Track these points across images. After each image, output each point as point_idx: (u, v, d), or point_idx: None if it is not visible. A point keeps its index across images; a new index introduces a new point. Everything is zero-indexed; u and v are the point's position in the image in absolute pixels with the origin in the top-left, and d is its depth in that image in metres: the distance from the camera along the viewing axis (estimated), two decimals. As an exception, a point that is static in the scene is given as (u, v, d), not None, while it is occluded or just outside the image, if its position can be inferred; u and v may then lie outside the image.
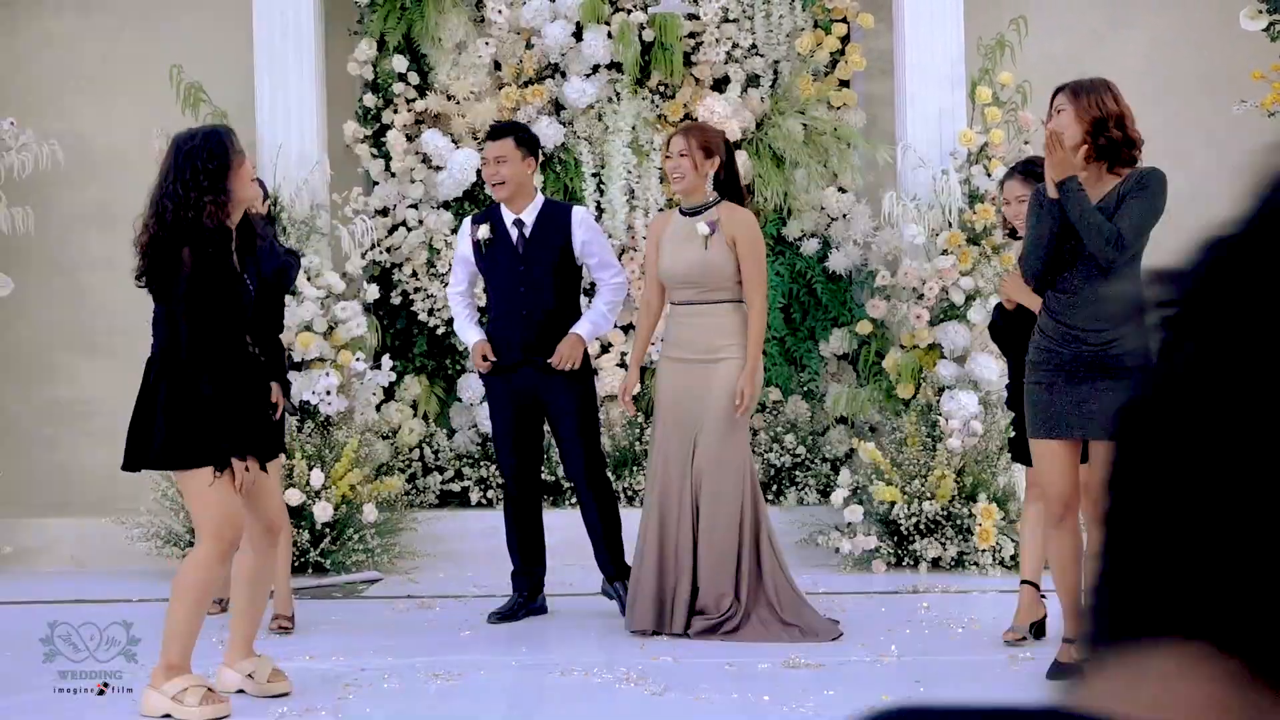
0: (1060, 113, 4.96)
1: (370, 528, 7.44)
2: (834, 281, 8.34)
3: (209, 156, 4.63)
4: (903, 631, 5.89)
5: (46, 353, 8.62)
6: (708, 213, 5.98)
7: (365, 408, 7.77)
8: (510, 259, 6.27)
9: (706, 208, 6.00)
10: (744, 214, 6.04)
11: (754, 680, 5.08)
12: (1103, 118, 4.89)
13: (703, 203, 6.01)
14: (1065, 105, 4.96)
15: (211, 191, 4.61)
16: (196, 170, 4.62)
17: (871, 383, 7.90)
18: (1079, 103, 4.92)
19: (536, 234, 6.27)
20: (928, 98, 7.83)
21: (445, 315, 8.32)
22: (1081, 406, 4.82)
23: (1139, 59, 8.57)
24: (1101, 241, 4.74)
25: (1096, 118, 4.89)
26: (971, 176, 7.72)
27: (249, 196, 4.83)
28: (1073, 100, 4.94)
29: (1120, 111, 4.92)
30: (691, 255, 5.94)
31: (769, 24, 8.35)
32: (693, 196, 6.01)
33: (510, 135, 6.27)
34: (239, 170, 4.70)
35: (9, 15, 8.65)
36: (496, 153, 6.25)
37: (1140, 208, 4.77)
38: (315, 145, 7.84)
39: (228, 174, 4.66)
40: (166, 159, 4.72)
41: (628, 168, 8.19)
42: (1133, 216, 4.76)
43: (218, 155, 4.64)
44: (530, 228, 6.28)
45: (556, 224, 6.29)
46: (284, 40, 7.86)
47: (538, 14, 8.21)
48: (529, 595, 6.41)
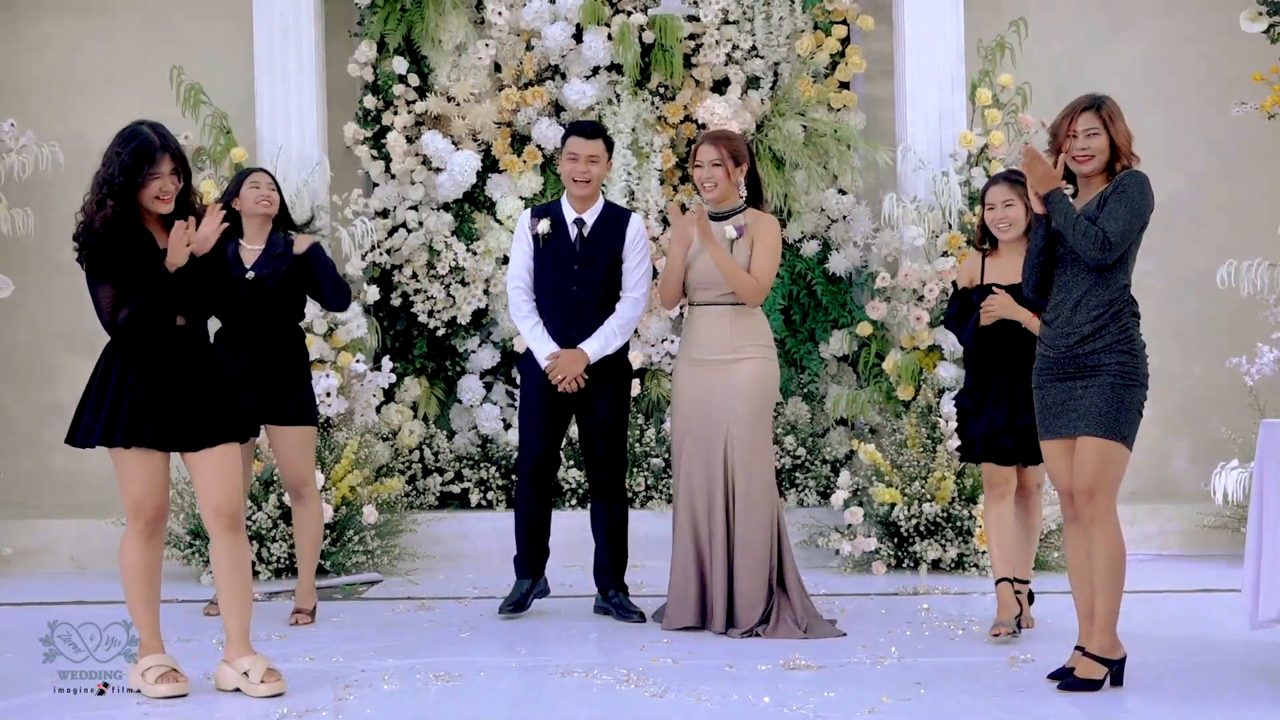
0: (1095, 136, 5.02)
1: (370, 529, 7.44)
2: (834, 283, 8.34)
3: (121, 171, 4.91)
4: (903, 633, 5.89)
5: (46, 354, 8.62)
6: (736, 217, 6.11)
7: (365, 409, 7.77)
8: (568, 255, 6.32)
9: (736, 212, 6.13)
10: (770, 220, 6.16)
11: (754, 681, 5.08)
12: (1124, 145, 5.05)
13: (733, 207, 6.14)
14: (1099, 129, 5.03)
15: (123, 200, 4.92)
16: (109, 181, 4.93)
17: (871, 384, 7.90)
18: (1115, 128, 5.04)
19: (595, 234, 6.34)
20: (928, 99, 7.84)
21: (445, 317, 8.32)
22: (1065, 405, 5.00)
23: (1139, 61, 8.58)
24: (1089, 244, 4.89)
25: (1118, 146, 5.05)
26: (971, 178, 7.72)
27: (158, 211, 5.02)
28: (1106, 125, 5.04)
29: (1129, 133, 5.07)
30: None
31: (769, 26, 8.36)
32: (723, 202, 6.13)
33: (602, 136, 6.36)
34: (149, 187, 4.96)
35: (9, 17, 8.65)
36: (591, 151, 6.30)
37: (1123, 209, 4.90)
38: (315, 147, 7.84)
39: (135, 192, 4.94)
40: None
41: (628, 169, 8.19)
42: (1117, 218, 4.89)
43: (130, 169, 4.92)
44: (590, 227, 6.35)
45: (615, 226, 6.36)
46: (284, 42, 7.86)
47: (538, 16, 8.21)
48: (533, 581, 6.42)
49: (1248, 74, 7.82)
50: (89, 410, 4.97)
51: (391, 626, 6.23)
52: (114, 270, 4.91)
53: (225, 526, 5.04)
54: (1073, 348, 4.96)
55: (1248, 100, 7.77)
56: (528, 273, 6.37)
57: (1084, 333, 4.93)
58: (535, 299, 6.37)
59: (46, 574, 7.65)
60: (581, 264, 6.31)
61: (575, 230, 6.34)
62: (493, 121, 8.34)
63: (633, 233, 6.36)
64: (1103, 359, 4.90)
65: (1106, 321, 4.93)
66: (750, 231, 6.06)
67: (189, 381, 5.01)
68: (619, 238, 6.34)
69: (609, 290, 6.33)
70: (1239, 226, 8.36)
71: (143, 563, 5.03)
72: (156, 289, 4.94)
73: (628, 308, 6.34)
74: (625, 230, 6.35)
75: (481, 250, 8.25)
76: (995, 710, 4.66)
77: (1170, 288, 8.40)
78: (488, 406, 8.32)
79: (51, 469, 8.51)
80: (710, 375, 6.03)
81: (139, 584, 5.03)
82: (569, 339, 6.27)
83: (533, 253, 6.36)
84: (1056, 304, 5.05)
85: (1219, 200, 8.54)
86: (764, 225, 6.09)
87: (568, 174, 6.34)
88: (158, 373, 4.96)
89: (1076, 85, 8.49)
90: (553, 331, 6.30)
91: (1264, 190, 8.48)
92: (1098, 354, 4.91)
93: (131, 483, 4.98)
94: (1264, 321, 7.69)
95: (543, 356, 6.26)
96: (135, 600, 5.05)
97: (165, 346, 4.98)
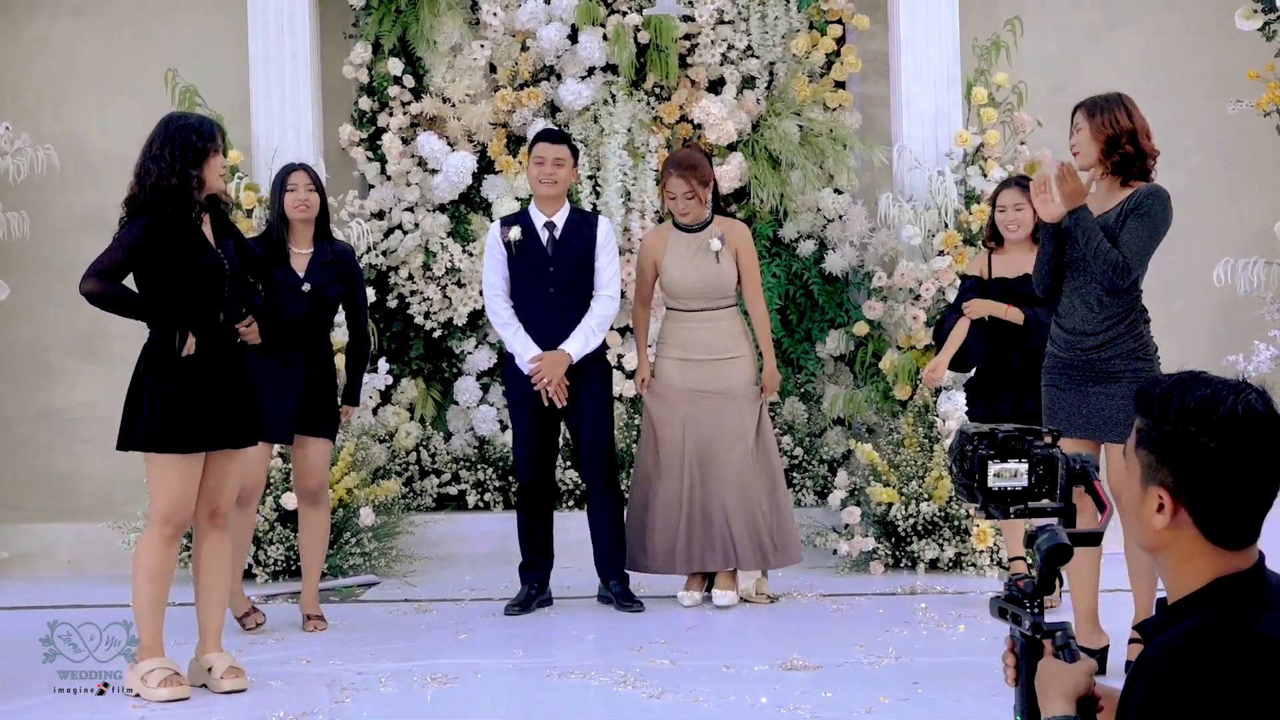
0: (1079, 130, 5.17)
1: (367, 531, 7.43)
2: (830, 283, 8.34)
3: (198, 137, 5.03)
4: (900, 633, 5.89)
5: (43, 357, 8.61)
6: (710, 229, 6.62)
7: (362, 411, 7.77)
8: (541, 258, 6.50)
9: (706, 224, 6.63)
10: (740, 227, 6.73)
11: (751, 682, 5.08)
12: (1115, 135, 5.12)
13: (704, 220, 6.64)
14: (1082, 123, 5.18)
15: (195, 166, 5.01)
16: (189, 145, 5.01)
17: (868, 384, 7.90)
18: (1094, 121, 5.15)
19: (566, 236, 6.53)
20: (923, 99, 7.84)
21: (442, 318, 8.32)
22: (1082, 408, 5.12)
23: (1134, 59, 8.58)
24: (1108, 268, 5.00)
25: (1110, 135, 5.12)
26: (967, 177, 7.72)
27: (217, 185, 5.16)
28: (1088, 119, 5.16)
29: (1133, 126, 5.16)
30: (705, 268, 6.53)
31: (764, 26, 8.35)
32: (697, 219, 6.63)
33: (567, 141, 6.59)
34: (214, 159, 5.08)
35: (4, 18, 8.64)
36: (557, 155, 6.51)
37: (1144, 231, 5.03)
38: (310, 148, 7.83)
39: (206, 159, 5.04)
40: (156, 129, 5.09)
41: (623, 170, 8.18)
42: (1137, 241, 5.01)
43: (206, 137, 5.05)
44: (561, 230, 6.53)
45: (585, 228, 6.57)
46: (279, 43, 7.85)
47: (533, 16, 8.20)
48: (539, 587, 6.56)
49: (1243, 71, 7.82)
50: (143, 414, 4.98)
51: (388, 629, 6.23)
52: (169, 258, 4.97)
53: (218, 526, 5.18)
54: (1086, 352, 5.08)
55: (1243, 98, 7.77)
56: (504, 280, 6.55)
57: (1097, 340, 5.04)
58: (513, 305, 6.53)
59: (44, 577, 7.63)
60: (556, 265, 6.51)
61: (547, 233, 6.54)
62: (488, 122, 8.34)
63: (603, 233, 6.59)
64: (1119, 366, 5.03)
65: (1121, 329, 5.03)
66: (730, 240, 6.56)
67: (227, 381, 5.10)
68: (590, 238, 6.55)
69: (583, 290, 6.53)
70: (1235, 224, 8.37)
71: (162, 566, 5.05)
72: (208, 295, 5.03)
73: (603, 305, 6.54)
74: (595, 231, 6.56)
75: (477, 251, 8.24)
76: (994, 710, 4.65)
77: (1166, 285, 8.36)
78: (484, 408, 8.32)
79: (49, 472, 8.51)
80: (700, 369, 6.52)
81: (154, 586, 5.05)
82: (550, 340, 6.45)
83: (506, 260, 6.54)
84: (1067, 307, 5.15)
85: (1215, 198, 8.54)
86: (739, 232, 6.64)
87: (535, 177, 6.55)
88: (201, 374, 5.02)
89: (1073, 83, 8.54)
90: (533, 334, 6.46)
91: (1260, 188, 8.48)
92: (1113, 360, 5.03)
93: (169, 486, 4.99)
94: (1260, 319, 7.69)
95: (526, 359, 6.42)
96: (144, 603, 5.05)
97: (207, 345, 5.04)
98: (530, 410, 6.48)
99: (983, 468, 2.52)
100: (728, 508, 6.44)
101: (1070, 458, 2.50)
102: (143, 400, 4.99)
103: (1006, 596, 2.49)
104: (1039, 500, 2.53)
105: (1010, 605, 2.48)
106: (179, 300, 5.00)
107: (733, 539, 6.43)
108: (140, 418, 4.98)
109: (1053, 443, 2.53)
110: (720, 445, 6.48)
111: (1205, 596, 2.14)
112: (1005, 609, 2.49)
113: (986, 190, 7.59)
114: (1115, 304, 5.07)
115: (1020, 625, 2.46)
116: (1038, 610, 2.45)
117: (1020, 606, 2.47)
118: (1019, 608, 2.47)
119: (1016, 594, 2.47)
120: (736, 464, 6.47)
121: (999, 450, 2.52)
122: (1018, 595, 2.47)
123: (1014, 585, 2.47)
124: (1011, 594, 2.48)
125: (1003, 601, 2.50)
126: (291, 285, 6.09)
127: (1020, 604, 2.47)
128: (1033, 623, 2.44)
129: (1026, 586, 2.46)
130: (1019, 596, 2.47)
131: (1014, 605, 2.48)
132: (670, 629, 6.03)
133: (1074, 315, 5.12)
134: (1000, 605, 2.50)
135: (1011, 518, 2.53)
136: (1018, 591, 2.47)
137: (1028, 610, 2.45)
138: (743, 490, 6.46)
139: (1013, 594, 2.48)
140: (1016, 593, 2.47)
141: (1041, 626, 2.43)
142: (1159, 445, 2.16)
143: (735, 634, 5.98)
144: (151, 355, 5.03)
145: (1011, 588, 2.48)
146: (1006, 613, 2.50)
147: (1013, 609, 2.48)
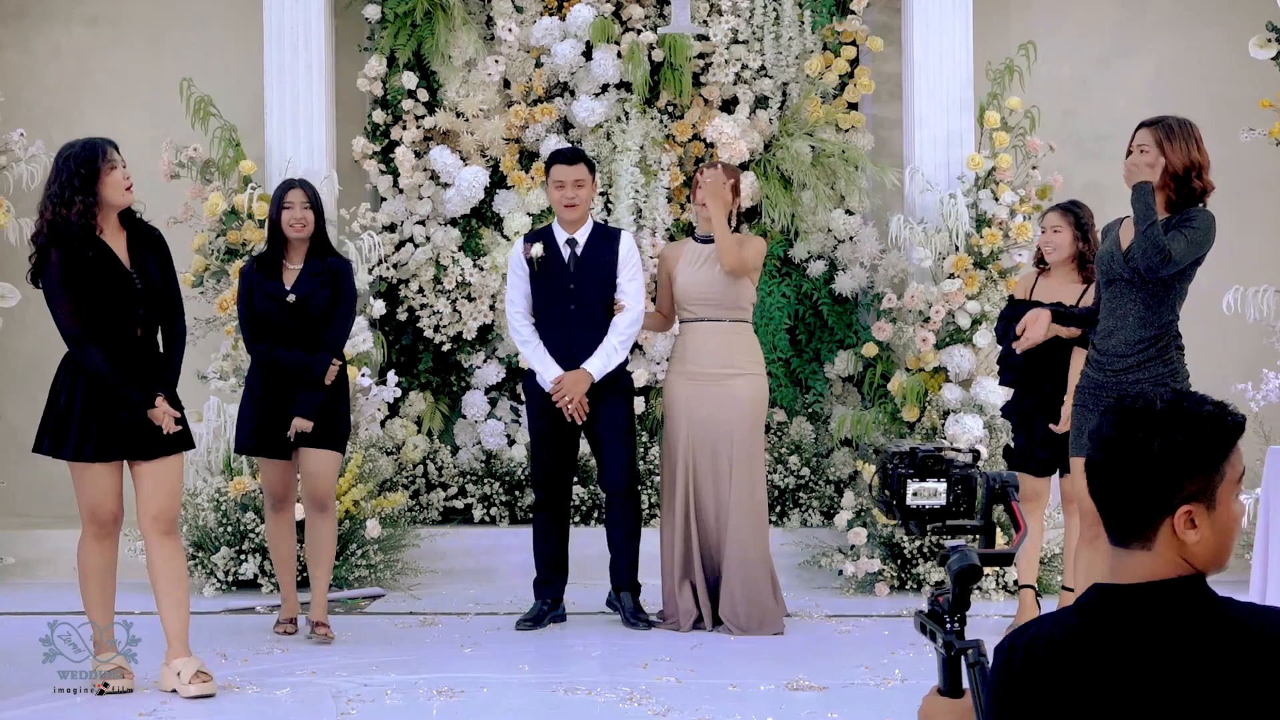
0: (1144, 151, 4.97)
1: (373, 543, 7.43)
2: (840, 304, 8.34)
3: (81, 163, 5.13)
4: (906, 654, 5.88)
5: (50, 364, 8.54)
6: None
7: (370, 423, 7.77)
8: (563, 276, 6.49)
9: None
10: (757, 240, 6.65)
11: (757, 701, 5.07)
12: (1189, 167, 4.96)
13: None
14: (1150, 146, 4.97)
15: (82, 193, 5.12)
16: (71, 173, 5.10)
17: (876, 405, 7.89)
18: (1172, 148, 4.95)
19: (588, 253, 6.52)
20: (936, 121, 7.84)
21: (451, 332, 8.32)
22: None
23: (1146, 86, 8.59)
24: (1153, 250, 4.90)
25: (1185, 166, 4.95)
26: (979, 200, 7.72)
27: (119, 202, 5.23)
28: (1165, 143, 4.96)
29: (1203, 161, 4.99)
30: (715, 276, 6.43)
31: (778, 46, 8.38)
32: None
33: (585, 161, 6.56)
34: (108, 177, 5.16)
35: (20, 28, 8.67)
36: (577, 176, 6.50)
37: (1189, 237, 4.93)
38: (324, 160, 7.85)
39: (98, 179, 5.14)
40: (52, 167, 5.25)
41: (635, 187, 8.20)
42: (1185, 241, 4.92)
43: (89, 161, 5.14)
44: (583, 247, 6.52)
45: (607, 244, 6.55)
46: (294, 55, 7.87)
47: (548, 33, 8.23)
48: (552, 603, 6.56)
49: (1256, 100, 7.82)
50: (54, 422, 5.22)
51: (394, 641, 6.22)
52: (80, 281, 5.17)
53: (163, 531, 5.24)
54: (1117, 374, 5.04)
55: (1256, 126, 7.78)
56: (525, 298, 6.55)
57: (1128, 363, 4.99)
58: (535, 322, 6.52)
59: (48, 584, 7.63)
60: (577, 283, 6.49)
61: (569, 250, 6.52)
62: (501, 137, 8.36)
63: (624, 249, 6.55)
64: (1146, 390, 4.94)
65: (1152, 353, 4.97)
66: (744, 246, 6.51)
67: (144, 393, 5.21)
68: (612, 255, 6.53)
69: (605, 307, 6.49)
70: (1246, 252, 8.35)
71: (95, 561, 5.24)
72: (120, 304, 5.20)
73: (625, 322, 6.49)
74: (618, 247, 6.54)
75: (488, 266, 8.26)
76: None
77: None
78: (492, 422, 8.32)
79: (54, 479, 8.46)
80: (705, 389, 6.38)
81: (88, 583, 5.24)
82: (570, 357, 6.43)
83: (528, 277, 6.53)
84: (1105, 329, 5.12)
85: (1226, 226, 8.46)
86: (754, 243, 6.57)
87: (556, 201, 6.54)
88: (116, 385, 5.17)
89: (1084, 109, 8.57)
90: (554, 351, 6.44)
91: (1271, 216, 8.48)
92: (1141, 384, 4.95)
93: (90, 490, 5.20)
94: (1270, 348, 7.69)
95: (548, 379, 6.40)
96: (86, 600, 5.25)
97: (123, 359, 5.19)
98: (549, 426, 6.47)
99: (902, 486, 2.56)
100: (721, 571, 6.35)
101: (991, 477, 2.53)
102: (59, 407, 5.20)
103: (928, 613, 2.54)
104: (958, 519, 2.57)
105: (929, 621, 2.53)
106: (94, 319, 5.17)
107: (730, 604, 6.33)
108: (49, 427, 5.22)
109: (972, 463, 2.57)
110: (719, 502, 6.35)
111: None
112: (925, 624, 2.54)
113: (998, 214, 7.60)
114: (1152, 324, 5.00)
115: (935, 641, 2.50)
116: (953, 626, 2.49)
117: (938, 623, 2.51)
118: (937, 624, 2.51)
119: (937, 609, 2.51)
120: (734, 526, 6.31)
121: (918, 470, 2.56)
122: (938, 611, 2.51)
123: (935, 601, 2.52)
124: (933, 609, 2.53)
125: (924, 617, 2.54)
126: (276, 296, 6.13)
127: (939, 620, 2.51)
128: (945, 640, 2.48)
129: (944, 603, 2.50)
130: (939, 613, 2.51)
131: (933, 621, 2.52)
132: (676, 647, 6.02)
133: (1111, 337, 5.08)
134: (922, 620, 2.55)
135: (929, 535, 2.57)
136: (938, 607, 2.51)
137: (944, 627, 2.49)
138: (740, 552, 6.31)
139: (934, 609, 2.52)
140: (937, 608, 2.52)
141: (953, 645, 2.47)
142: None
143: (741, 653, 5.97)
144: (70, 364, 5.24)
145: (933, 603, 2.52)
146: (926, 628, 2.54)
147: (931, 625, 2.52)
